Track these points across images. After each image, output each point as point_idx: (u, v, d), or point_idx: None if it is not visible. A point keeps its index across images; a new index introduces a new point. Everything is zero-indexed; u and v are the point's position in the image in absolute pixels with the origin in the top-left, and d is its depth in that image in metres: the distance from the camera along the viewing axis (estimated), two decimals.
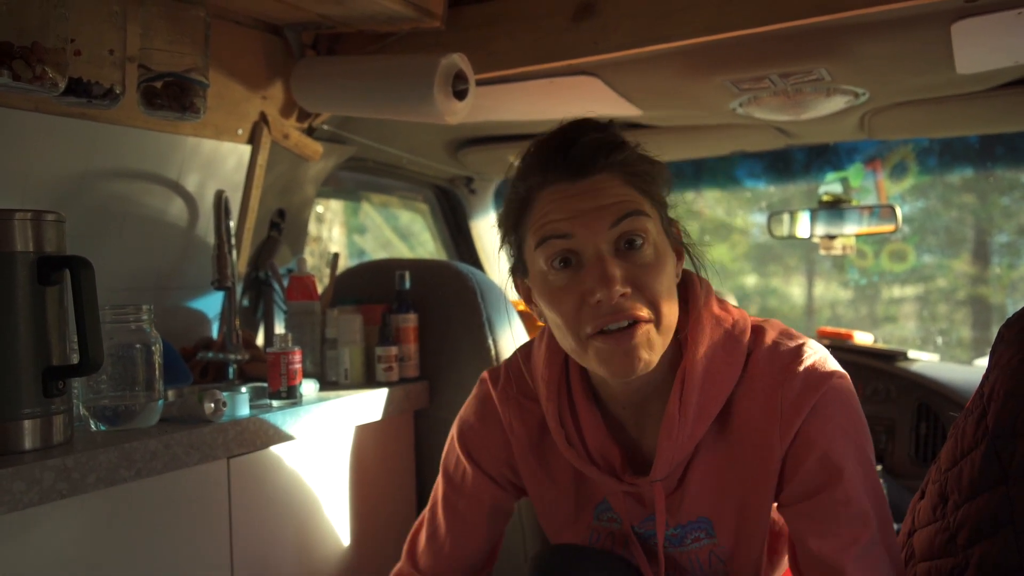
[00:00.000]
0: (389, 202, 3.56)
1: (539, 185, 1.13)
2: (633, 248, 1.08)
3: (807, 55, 1.77)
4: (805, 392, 1.10)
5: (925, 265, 4.09)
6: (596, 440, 1.19)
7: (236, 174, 1.98)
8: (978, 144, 3.25)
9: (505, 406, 1.29)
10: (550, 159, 1.12)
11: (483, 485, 1.31)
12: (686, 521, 1.20)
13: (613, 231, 1.08)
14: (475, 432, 1.33)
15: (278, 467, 1.61)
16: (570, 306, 1.09)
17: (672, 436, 1.12)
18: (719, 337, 1.15)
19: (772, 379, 1.12)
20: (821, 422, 1.10)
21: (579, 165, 1.10)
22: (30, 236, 1.22)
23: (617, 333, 1.07)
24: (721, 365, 1.14)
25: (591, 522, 1.27)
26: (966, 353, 3.82)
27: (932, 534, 1.17)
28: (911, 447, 2.55)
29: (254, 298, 2.21)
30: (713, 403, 1.13)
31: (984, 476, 1.09)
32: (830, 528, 1.08)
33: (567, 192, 1.10)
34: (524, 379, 1.30)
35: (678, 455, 1.14)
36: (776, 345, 1.15)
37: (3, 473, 1.11)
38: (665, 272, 1.10)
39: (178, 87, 1.54)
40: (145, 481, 1.33)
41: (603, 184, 1.09)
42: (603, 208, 1.08)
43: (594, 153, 1.10)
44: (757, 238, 4.44)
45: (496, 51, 1.84)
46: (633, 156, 1.13)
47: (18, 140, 1.50)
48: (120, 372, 1.39)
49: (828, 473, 1.09)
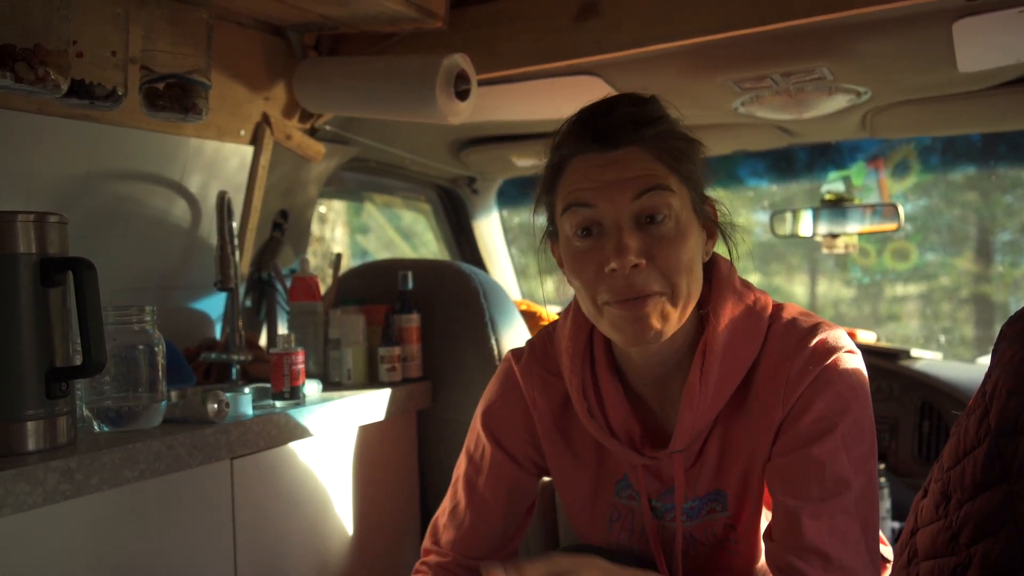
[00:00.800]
0: (392, 202, 3.56)
1: (571, 153, 1.15)
2: (654, 222, 1.10)
3: (809, 54, 1.77)
4: (811, 362, 1.12)
5: (928, 263, 4.08)
6: (618, 413, 1.21)
7: (239, 175, 1.98)
8: (980, 142, 3.24)
9: (528, 381, 1.31)
10: (584, 129, 1.14)
11: (503, 464, 1.32)
12: (703, 493, 1.22)
13: (635, 204, 1.09)
14: (497, 411, 1.34)
15: (281, 468, 1.61)
16: (589, 272, 1.11)
17: (692, 407, 1.15)
18: (740, 313, 1.17)
19: (785, 352, 1.15)
20: (819, 389, 1.12)
21: (609, 136, 1.12)
22: (33, 238, 1.22)
23: (630, 302, 1.09)
24: (741, 339, 1.16)
25: (611, 499, 1.28)
26: (969, 351, 3.82)
27: (935, 533, 1.17)
28: (914, 445, 2.55)
29: (257, 299, 2.22)
30: (733, 376, 1.16)
31: (986, 474, 1.09)
32: (800, 484, 1.10)
33: (595, 162, 1.12)
34: (549, 355, 1.31)
35: (698, 426, 1.16)
36: (794, 321, 1.18)
37: (7, 475, 1.11)
38: (686, 247, 1.11)
39: (180, 88, 1.54)
40: (149, 482, 1.33)
41: (631, 157, 1.11)
42: (627, 181, 1.10)
43: (625, 126, 1.12)
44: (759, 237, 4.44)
45: (498, 51, 1.84)
46: (666, 132, 1.14)
47: (21, 142, 1.50)
48: (123, 373, 1.39)
49: (813, 435, 1.11)
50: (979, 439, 1.12)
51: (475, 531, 1.33)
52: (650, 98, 1.18)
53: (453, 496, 1.36)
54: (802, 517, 1.08)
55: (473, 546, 1.32)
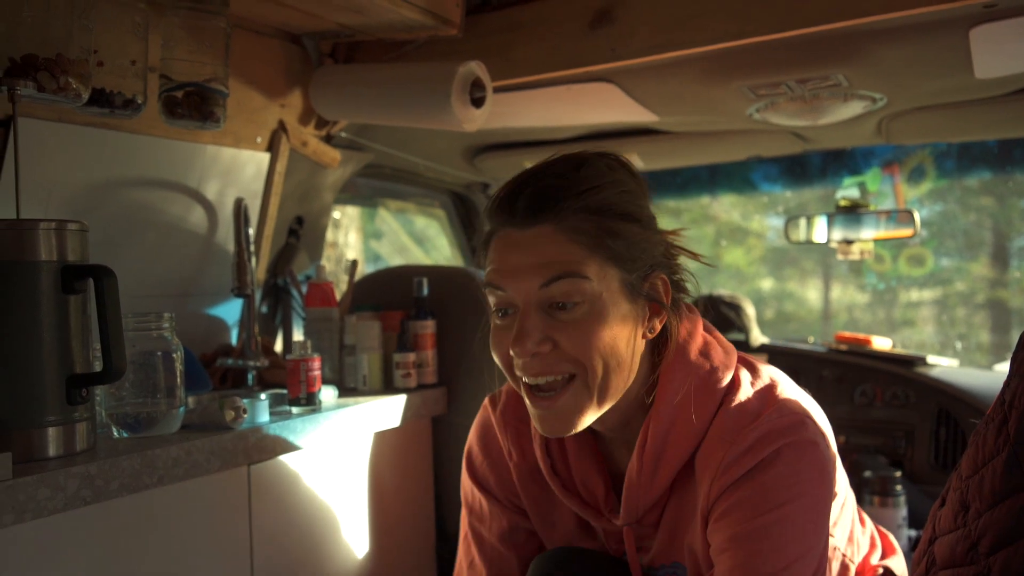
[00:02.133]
0: (406, 208, 3.57)
1: (494, 229, 1.12)
2: (564, 308, 1.06)
3: (824, 61, 1.76)
4: (745, 455, 1.05)
5: (943, 269, 4.05)
6: (581, 471, 1.19)
7: (255, 182, 1.99)
8: (996, 147, 3.23)
9: (503, 433, 1.28)
10: (505, 201, 1.09)
11: (497, 511, 1.29)
12: (659, 565, 1.19)
13: (542, 291, 1.05)
14: (480, 461, 1.31)
15: (298, 474, 1.62)
16: (502, 351, 1.10)
17: (633, 488, 1.12)
18: (693, 387, 1.11)
19: (724, 437, 1.08)
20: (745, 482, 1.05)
21: (527, 212, 1.07)
22: (54, 245, 1.23)
23: (542, 398, 1.07)
24: (688, 417, 1.10)
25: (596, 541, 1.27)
26: (985, 357, 3.79)
27: (954, 542, 1.16)
28: (931, 453, 2.54)
29: (273, 305, 2.23)
30: (677, 454, 1.11)
31: (1006, 484, 1.09)
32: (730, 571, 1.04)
33: (510, 240, 1.08)
34: (522, 404, 1.25)
35: (642, 504, 1.13)
36: (744, 404, 1.10)
37: (28, 480, 1.12)
38: (601, 330, 1.05)
39: (199, 96, 1.55)
40: (167, 488, 1.34)
41: (543, 239, 1.06)
42: (535, 267, 1.05)
43: (543, 202, 1.06)
44: (773, 242, 4.42)
45: (513, 58, 1.84)
46: (592, 206, 1.06)
47: (42, 150, 1.52)
48: (142, 379, 1.40)
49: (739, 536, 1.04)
50: (998, 448, 1.11)
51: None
52: (590, 160, 1.10)
53: (467, 552, 1.33)
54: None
55: None
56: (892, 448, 2.58)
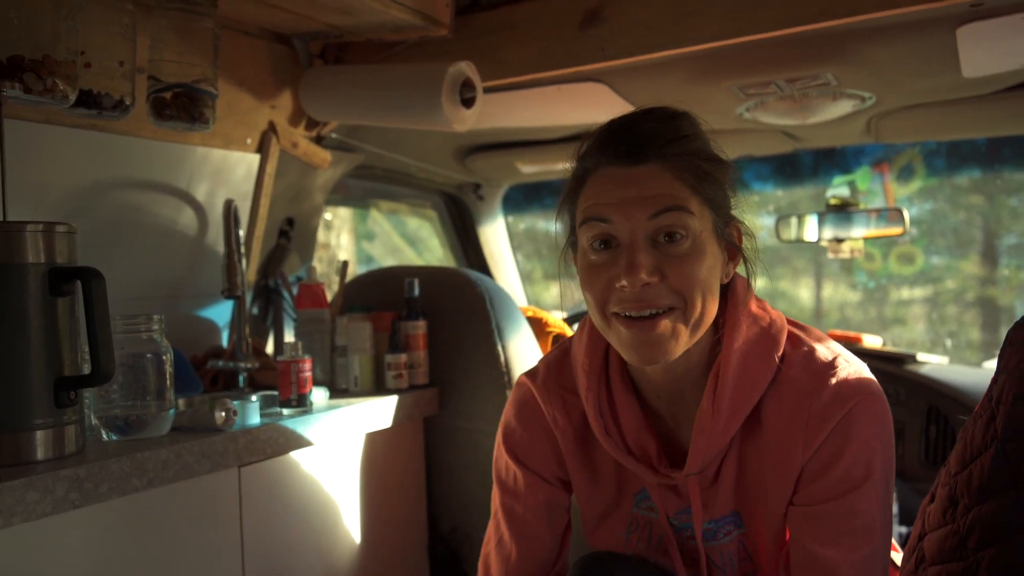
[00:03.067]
0: (397, 209, 3.57)
1: (593, 166, 1.14)
2: (671, 241, 1.09)
3: (813, 60, 1.77)
4: (833, 405, 1.10)
5: (933, 267, 4.07)
6: (633, 430, 1.21)
7: (245, 183, 1.99)
8: (985, 146, 3.24)
9: (548, 401, 1.30)
10: (608, 142, 1.13)
11: (536, 485, 1.31)
12: (719, 515, 1.21)
13: (651, 223, 1.08)
14: (519, 435, 1.33)
15: (289, 475, 1.62)
16: (600, 285, 1.11)
17: (705, 432, 1.14)
18: (755, 335, 1.16)
19: (803, 385, 1.13)
20: (845, 438, 1.10)
21: (632, 152, 1.11)
22: (41, 247, 1.23)
23: (639, 321, 1.09)
24: (755, 363, 1.15)
25: (631, 510, 1.28)
26: (976, 355, 3.80)
27: (942, 538, 1.17)
28: (921, 450, 2.55)
29: (263, 306, 2.22)
30: (746, 401, 1.15)
31: (994, 480, 1.09)
32: (833, 536, 1.09)
33: (616, 177, 1.11)
34: (564, 372, 1.30)
35: (711, 451, 1.15)
36: (812, 352, 1.16)
37: (16, 484, 1.12)
38: (701, 265, 1.10)
39: (187, 97, 1.55)
40: (157, 490, 1.33)
41: (651, 174, 1.10)
42: (646, 199, 1.09)
43: (649, 142, 1.11)
44: (764, 241, 4.43)
45: (503, 59, 1.84)
46: (692, 151, 1.13)
47: (29, 152, 1.51)
48: (131, 382, 1.40)
49: (843, 487, 1.10)
50: (986, 444, 1.12)
51: (524, 559, 1.31)
52: (682, 114, 1.17)
53: (496, 529, 1.35)
54: (833, 566, 1.08)
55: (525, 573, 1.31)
56: None
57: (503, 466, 1.35)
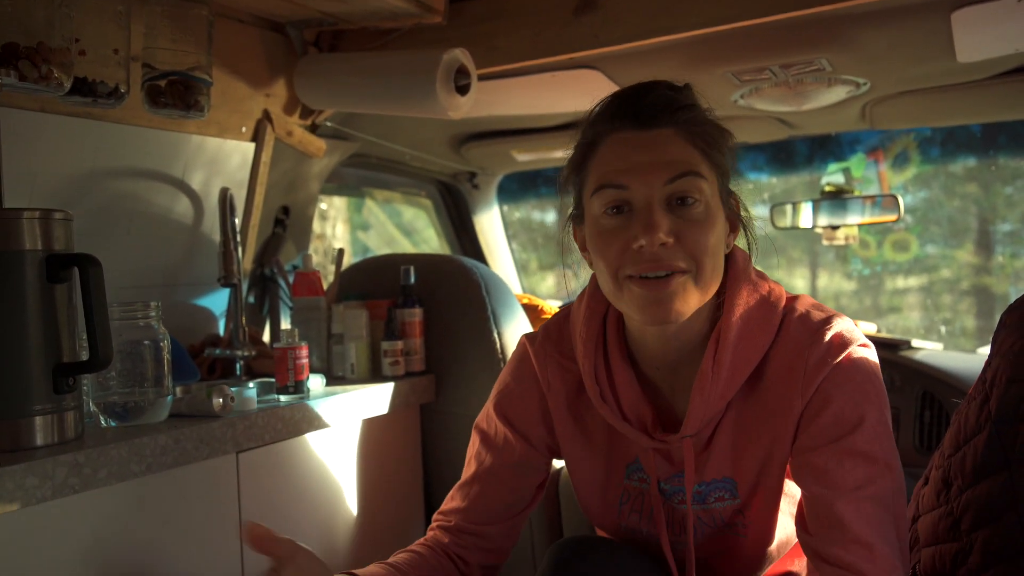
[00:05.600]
0: (392, 198, 3.57)
1: (606, 131, 1.15)
2: (684, 204, 1.11)
3: (808, 45, 1.77)
4: (829, 353, 1.13)
5: (928, 255, 4.08)
6: (629, 397, 1.22)
7: (240, 172, 1.99)
8: (980, 133, 3.24)
9: (543, 365, 1.32)
10: (620, 107, 1.14)
11: (515, 444, 1.33)
12: (710, 479, 1.22)
13: (668, 187, 1.10)
14: (512, 393, 1.35)
15: (286, 461, 1.62)
16: (615, 249, 1.12)
17: (704, 392, 1.15)
18: (755, 302, 1.18)
19: (800, 343, 1.15)
20: (840, 380, 1.12)
21: (646, 116, 1.12)
22: (38, 234, 1.23)
23: (654, 281, 1.10)
24: (755, 327, 1.17)
25: (622, 481, 1.29)
26: (970, 342, 3.82)
27: (936, 519, 1.18)
28: (915, 436, 2.56)
29: (260, 295, 2.23)
30: (746, 363, 1.16)
31: (987, 461, 1.10)
32: (833, 476, 1.10)
33: (632, 142, 1.12)
34: (563, 338, 1.32)
35: (709, 412, 1.17)
36: (808, 313, 1.18)
37: (16, 468, 1.12)
38: (713, 231, 1.12)
39: (182, 85, 1.55)
40: (156, 476, 1.34)
41: (666, 139, 1.12)
42: (662, 164, 1.10)
43: (662, 107, 1.13)
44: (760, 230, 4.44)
45: (497, 46, 1.84)
46: (701, 118, 1.15)
47: (24, 140, 1.51)
48: (129, 368, 1.40)
49: (840, 427, 1.11)
50: (979, 426, 1.13)
51: (480, 500, 1.33)
52: (685, 85, 1.19)
53: (466, 471, 1.37)
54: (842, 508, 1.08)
55: (478, 514, 1.33)
56: None
57: (485, 418, 1.37)
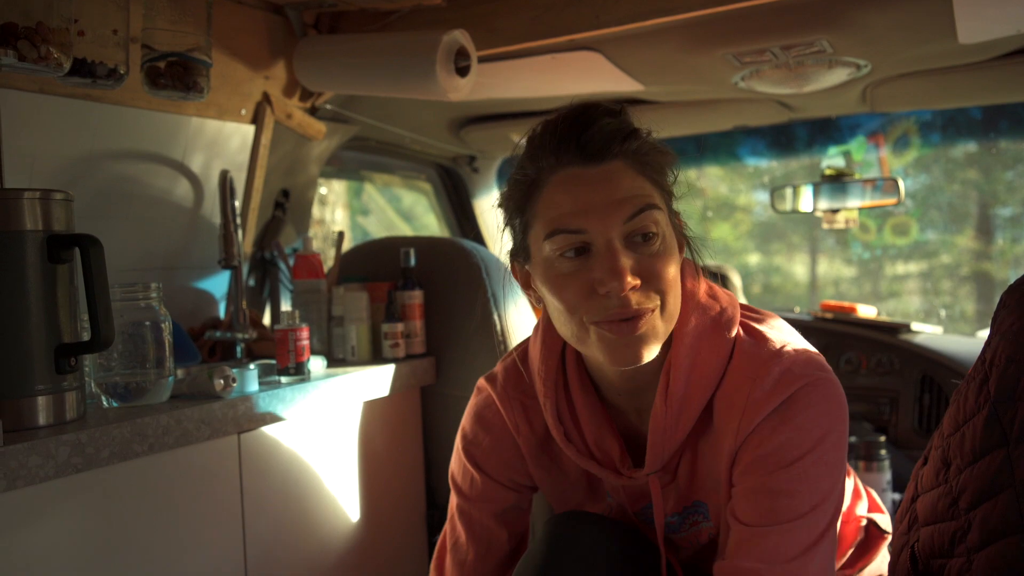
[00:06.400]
0: (392, 182, 3.56)
1: (551, 168, 1.08)
2: (645, 240, 1.06)
3: (808, 26, 1.77)
4: (772, 393, 1.07)
5: (928, 241, 4.08)
6: (594, 434, 1.19)
7: (240, 154, 1.98)
8: (981, 117, 3.24)
9: (508, 408, 1.27)
10: (563, 141, 1.07)
11: (494, 490, 1.30)
12: (681, 508, 1.21)
13: (627, 225, 1.05)
14: (479, 442, 1.31)
15: (288, 442, 1.63)
16: (576, 293, 1.06)
17: (660, 429, 1.12)
18: (705, 328, 1.13)
19: (746, 374, 1.10)
20: (778, 422, 1.07)
21: (594, 150, 1.06)
22: (39, 215, 1.23)
23: (622, 323, 1.05)
24: (706, 357, 1.12)
25: (604, 500, 1.29)
26: (970, 327, 3.82)
27: (935, 498, 1.18)
28: (914, 418, 2.57)
29: (260, 278, 2.23)
30: (699, 395, 1.12)
31: (985, 440, 1.10)
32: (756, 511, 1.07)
33: (580, 179, 1.06)
34: (522, 378, 1.27)
35: (668, 448, 1.14)
36: (762, 341, 1.13)
37: (19, 447, 1.13)
38: (673, 262, 1.08)
39: (181, 67, 1.54)
40: (157, 456, 1.35)
41: (617, 174, 1.06)
42: (618, 202, 1.04)
43: (610, 139, 1.06)
44: (760, 216, 4.43)
45: (497, 27, 1.84)
46: (646, 145, 1.09)
47: (23, 122, 1.51)
48: (131, 349, 1.41)
49: (769, 466, 1.07)
50: (979, 406, 1.13)
51: (481, 561, 1.30)
52: (621, 108, 1.12)
53: (452, 532, 1.34)
54: (754, 537, 1.05)
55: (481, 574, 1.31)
56: (877, 414, 2.61)
57: (460, 470, 1.33)
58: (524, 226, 1.12)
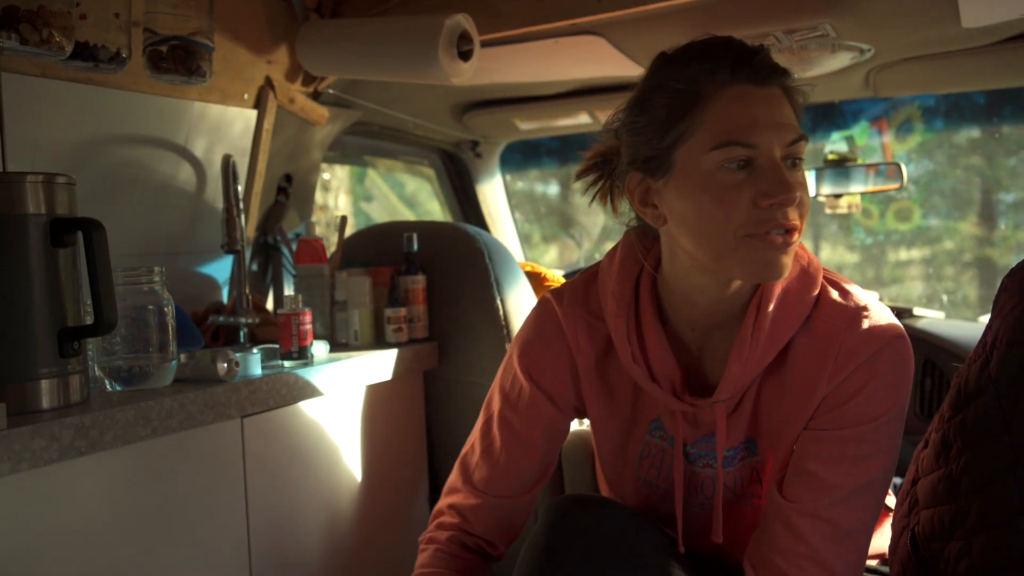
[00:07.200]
0: (395, 167, 3.56)
1: (724, 82, 1.09)
2: (794, 166, 1.11)
3: (812, 10, 1.76)
4: (864, 344, 1.12)
5: (931, 227, 4.07)
6: (659, 359, 1.22)
7: (243, 139, 1.98)
8: (985, 103, 3.23)
9: (572, 323, 1.30)
10: (741, 58, 1.10)
11: (541, 403, 1.31)
12: (738, 443, 1.24)
13: (788, 149, 1.10)
14: (536, 351, 1.32)
15: (291, 426, 1.63)
16: (736, 205, 1.08)
17: (742, 359, 1.16)
18: (795, 272, 1.18)
19: (837, 324, 1.15)
20: (867, 376, 1.12)
21: (766, 72, 1.10)
22: (42, 198, 1.23)
23: (776, 237, 1.09)
24: (794, 298, 1.17)
25: (644, 436, 1.30)
26: (972, 313, 3.82)
27: (935, 481, 1.19)
28: (916, 402, 2.57)
29: (263, 263, 2.23)
30: (783, 333, 1.17)
31: (986, 424, 1.11)
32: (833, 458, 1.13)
33: (755, 97, 1.09)
34: (591, 297, 1.30)
35: (745, 379, 1.17)
36: (848, 294, 1.18)
37: (23, 430, 1.13)
38: None
39: (184, 51, 1.54)
40: (161, 439, 1.35)
41: (779, 99, 1.11)
42: (784, 125, 1.10)
43: (773, 67, 1.11)
44: None
45: (500, 11, 1.83)
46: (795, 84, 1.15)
47: (26, 106, 1.50)
48: (134, 333, 1.41)
49: (854, 419, 1.13)
50: (980, 389, 1.13)
51: (510, 470, 1.32)
52: None
53: (487, 434, 1.35)
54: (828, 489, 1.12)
55: (507, 485, 1.33)
56: None
57: (510, 379, 1.34)
58: (677, 136, 1.12)
